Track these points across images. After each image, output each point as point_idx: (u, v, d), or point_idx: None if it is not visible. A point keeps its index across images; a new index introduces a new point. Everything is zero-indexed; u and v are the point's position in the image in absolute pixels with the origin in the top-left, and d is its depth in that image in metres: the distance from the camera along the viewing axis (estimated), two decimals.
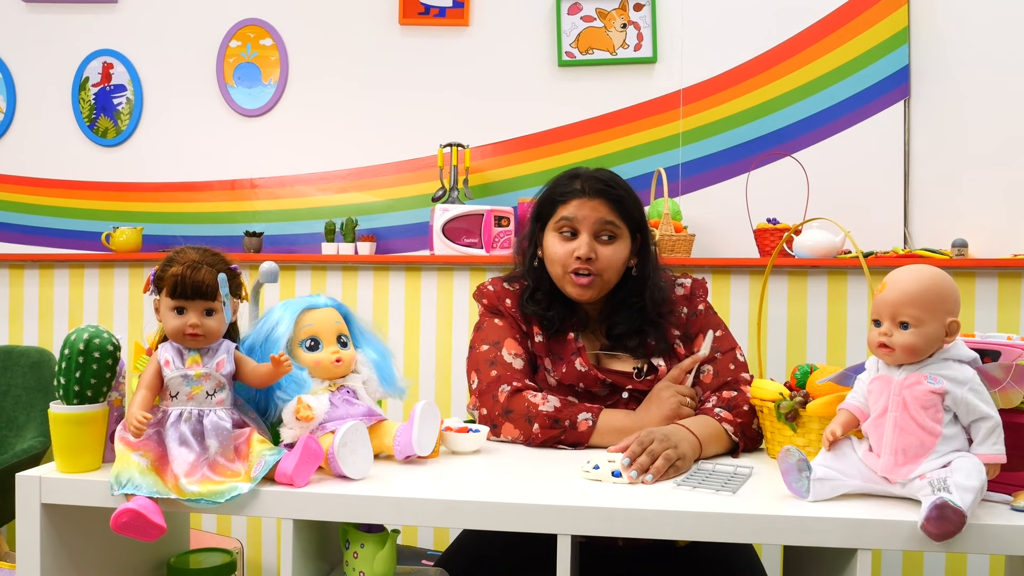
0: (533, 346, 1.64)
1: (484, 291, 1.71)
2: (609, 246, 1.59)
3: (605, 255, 1.58)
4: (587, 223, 1.58)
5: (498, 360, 1.60)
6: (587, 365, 1.58)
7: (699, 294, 1.69)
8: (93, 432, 1.27)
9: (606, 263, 1.58)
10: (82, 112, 2.99)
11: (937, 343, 1.15)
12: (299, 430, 1.28)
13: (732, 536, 1.11)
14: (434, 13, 2.81)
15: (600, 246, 1.58)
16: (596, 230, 1.58)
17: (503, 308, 1.67)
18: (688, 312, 1.66)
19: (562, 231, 1.60)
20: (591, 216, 1.58)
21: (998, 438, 1.11)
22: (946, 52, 2.57)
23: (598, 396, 1.59)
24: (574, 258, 1.57)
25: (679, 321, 1.65)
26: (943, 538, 1.03)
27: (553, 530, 1.13)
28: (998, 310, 2.40)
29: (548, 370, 1.61)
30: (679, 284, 1.69)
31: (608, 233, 1.59)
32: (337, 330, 1.39)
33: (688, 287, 1.69)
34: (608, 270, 1.59)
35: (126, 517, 1.13)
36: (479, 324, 1.70)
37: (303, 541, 1.23)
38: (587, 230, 1.58)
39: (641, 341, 1.61)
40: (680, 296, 1.68)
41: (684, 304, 1.67)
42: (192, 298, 1.24)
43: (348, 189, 2.87)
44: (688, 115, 2.70)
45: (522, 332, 1.65)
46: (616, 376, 1.60)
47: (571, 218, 1.59)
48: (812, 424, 1.34)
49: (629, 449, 1.30)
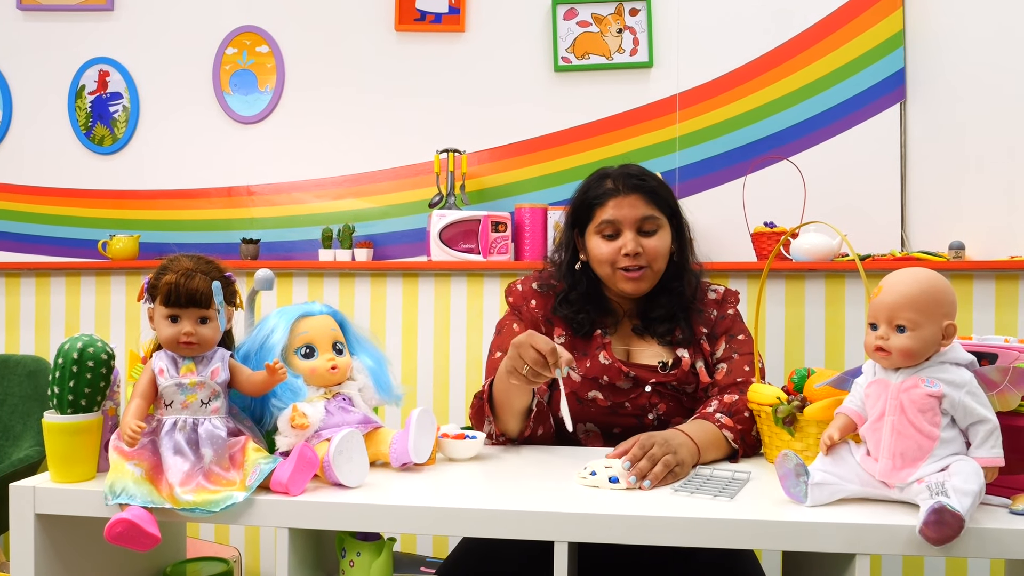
0: None
1: (512, 289, 1.76)
2: (653, 238, 1.63)
3: (651, 247, 1.62)
4: (628, 221, 1.62)
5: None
6: (611, 358, 1.61)
7: (730, 301, 1.74)
8: (87, 442, 1.26)
9: (654, 254, 1.63)
10: (78, 120, 2.98)
11: (934, 346, 1.15)
12: (294, 438, 1.27)
13: (730, 542, 1.10)
14: (430, 19, 2.81)
15: (644, 239, 1.62)
16: (638, 226, 1.63)
17: (526, 309, 1.71)
18: (718, 315, 1.70)
19: (604, 233, 1.64)
20: (630, 214, 1.62)
21: (996, 441, 1.11)
22: (941, 55, 2.57)
23: (621, 389, 1.60)
24: (622, 255, 1.61)
25: (708, 320, 1.69)
26: (942, 542, 1.02)
27: (550, 537, 1.12)
28: (995, 312, 2.40)
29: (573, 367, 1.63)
30: (712, 289, 1.75)
31: (650, 226, 1.63)
32: (333, 337, 1.39)
33: (721, 293, 1.74)
34: (657, 260, 1.63)
35: (120, 527, 1.12)
36: (500, 326, 1.74)
37: (299, 550, 1.22)
38: (629, 227, 1.62)
39: (671, 327, 1.65)
40: (712, 300, 1.72)
41: (715, 307, 1.71)
42: (186, 306, 1.24)
43: (345, 195, 2.86)
44: (684, 119, 2.70)
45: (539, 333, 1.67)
46: (640, 370, 1.62)
47: (611, 220, 1.63)
48: (810, 428, 1.33)
49: (630, 452, 1.30)
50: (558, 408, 1.62)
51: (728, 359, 1.64)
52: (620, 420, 1.61)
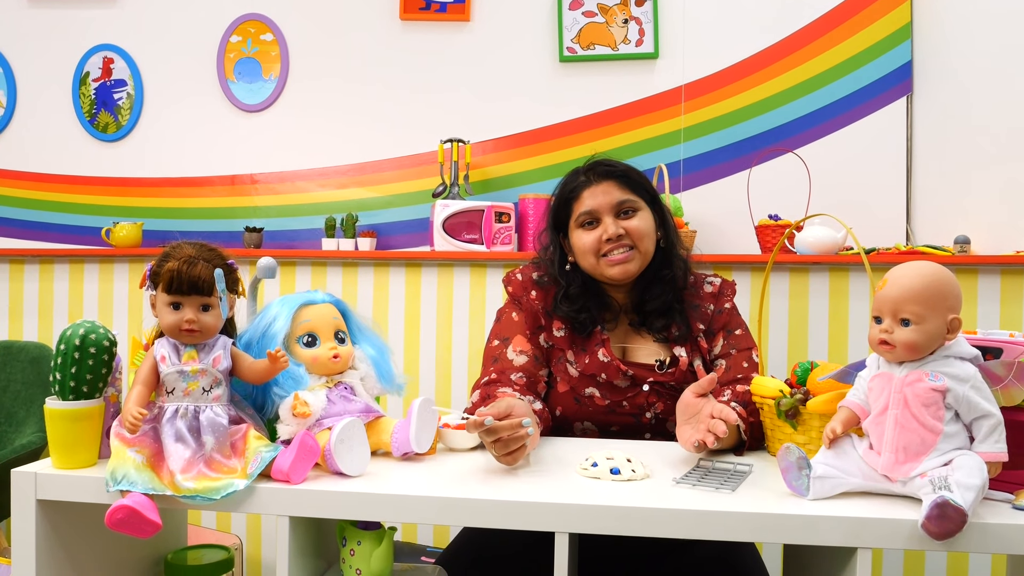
0: (551, 339, 1.65)
1: (512, 279, 1.74)
2: (633, 219, 1.62)
3: (633, 227, 1.61)
4: (605, 207, 1.62)
5: (501, 356, 1.62)
6: (610, 355, 1.60)
7: (727, 293, 1.71)
8: (89, 428, 1.26)
9: (638, 234, 1.62)
10: (83, 107, 2.98)
11: (938, 340, 1.14)
12: (296, 426, 1.27)
13: (732, 535, 1.10)
14: (435, 8, 2.79)
15: (625, 221, 1.62)
16: (616, 210, 1.62)
17: (526, 300, 1.69)
18: (714, 309, 1.68)
19: (584, 224, 1.64)
20: (605, 200, 1.62)
21: (1000, 436, 1.11)
22: (949, 48, 2.55)
23: (619, 388, 1.60)
24: (604, 241, 1.60)
25: (704, 315, 1.67)
26: (944, 537, 1.02)
27: (551, 528, 1.12)
28: (1000, 307, 2.39)
29: (571, 362, 1.62)
30: (708, 282, 1.72)
31: (627, 208, 1.63)
32: (335, 326, 1.39)
33: (717, 286, 1.71)
34: (642, 240, 1.62)
35: (121, 514, 1.12)
36: (499, 314, 1.73)
37: (299, 538, 1.22)
38: (608, 213, 1.62)
39: (667, 323, 1.63)
40: (708, 293, 1.70)
41: (711, 301, 1.69)
42: (188, 294, 1.23)
43: (348, 185, 2.86)
44: (690, 111, 2.68)
45: (538, 326, 1.66)
46: (638, 368, 1.61)
47: (588, 210, 1.62)
48: (812, 422, 1.33)
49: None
50: (556, 404, 1.62)
51: (726, 355, 1.63)
52: (617, 419, 1.61)
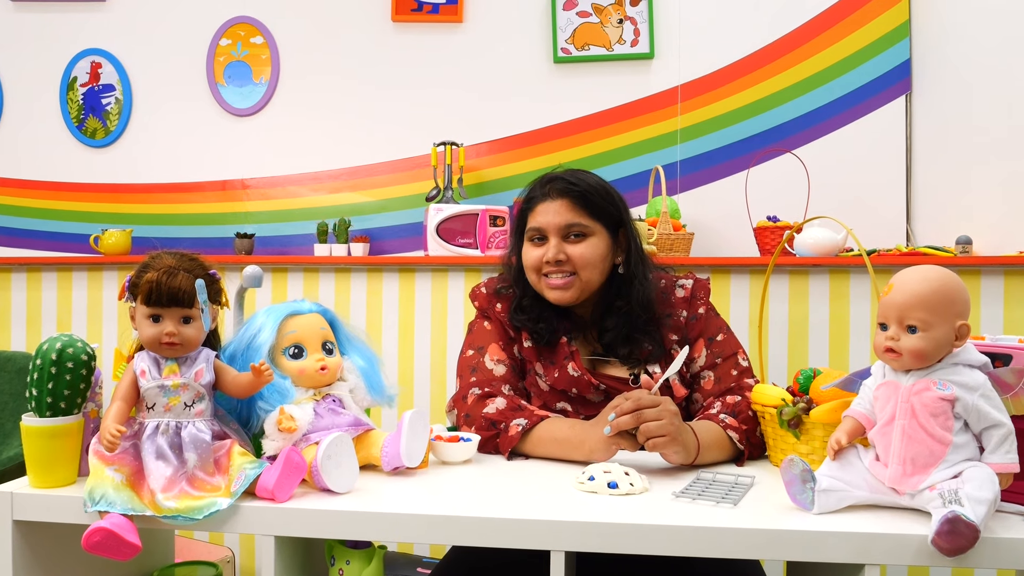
0: (522, 351, 1.60)
1: (477, 293, 1.69)
2: (579, 244, 1.54)
3: (576, 253, 1.53)
4: (552, 227, 1.54)
5: (479, 366, 1.57)
6: (580, 370, 1.54)
7: (700, 296, 1.62)
8: (67, 445, 1.22)
9: (581, 262, 1.53)
10: (70, 112, 2.94)
11: (946, 347, 1.10)
12: (282, 442, 1.23)
13: (733, 552, 1.06)
14: (427, 10, 2.76)
15: (569, 246, 1.54)
16: (563, 232, 1.54)
17: (492, 312, 1.64)
18: (688, 315, 1.60)
19: (532, 239, 1.58)
20: (554, 220, 1.54)
21: (1011, 446, 1.07)
22: (948, 46, 2.53)
23: (592, 402, 1.54)
24: (544, 263, 1.54)
25: (677, 324, 1.59)
26: (955, 553, 0.98)
27: (547, 546, 1.08)
28: (1004, 309, 2.35)
29: (540, 375, 1.57)
30: (679, 285, 1.63)
31: (577, 232, 1.54)
32: (322, 336, 1.34)
33: (689, 289, 1.62)
34: (585, 268, 1.54)
35: (98, 536, 1.08)
36: (471, 326, 1.68)
37: (286, 558, 1.18)
38: (554, 233, 1.54)
39: (632, 350, 1.56)
40: (680, 299, 1.61)
41: (683, 307, 1.60)
42: (168, 305, 1.19)
43: (341, 189, 2.82)
44: (686, 111, 2.65)
45: (509, 337, 1.61)
46: (611, 381, 1.55)
47: (537, 227, 1.56)
48: (816, 432, 1.29)
49: (619, 407, 1.29)
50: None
51: (712, 366, 1.55)
52: None
